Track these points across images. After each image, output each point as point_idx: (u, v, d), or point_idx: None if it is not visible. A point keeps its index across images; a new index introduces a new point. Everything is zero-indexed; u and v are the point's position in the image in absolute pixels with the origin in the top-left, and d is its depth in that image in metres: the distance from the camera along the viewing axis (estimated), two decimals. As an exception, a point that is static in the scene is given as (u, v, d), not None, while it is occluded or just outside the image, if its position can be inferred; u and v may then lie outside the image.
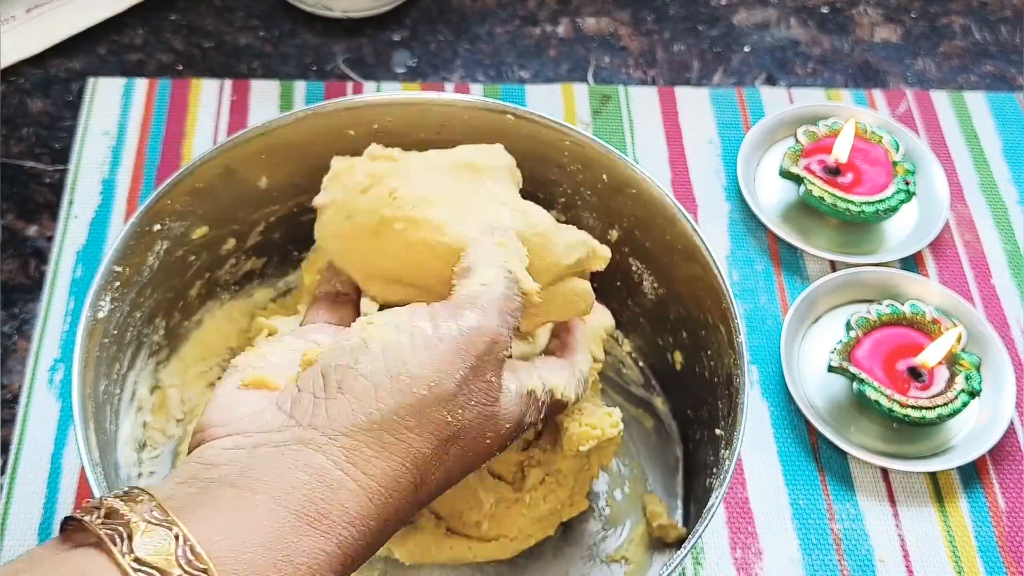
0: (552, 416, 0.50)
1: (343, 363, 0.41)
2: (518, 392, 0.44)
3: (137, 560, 0.33)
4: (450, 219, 0.47)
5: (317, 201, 0.51)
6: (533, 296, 0.45)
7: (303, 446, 0.38)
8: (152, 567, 0.33)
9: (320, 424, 0.39)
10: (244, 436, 0.40)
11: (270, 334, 0.57)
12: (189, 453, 0.41)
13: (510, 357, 0.44)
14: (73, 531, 0.36)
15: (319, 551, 0.36)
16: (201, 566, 0.34)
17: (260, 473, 0.38)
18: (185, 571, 0.34)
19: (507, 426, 0.43)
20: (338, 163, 0.51)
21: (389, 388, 0.40)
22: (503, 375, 0.43)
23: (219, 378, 0.62)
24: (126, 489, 0.37)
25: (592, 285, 0.65)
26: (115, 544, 0.34)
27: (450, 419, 0.41)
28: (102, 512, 0.35)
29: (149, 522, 0.35)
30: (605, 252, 0.52)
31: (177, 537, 0.34)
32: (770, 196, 0.77)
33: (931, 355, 0.65)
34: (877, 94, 0.83)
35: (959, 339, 0.67)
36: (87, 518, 0.35)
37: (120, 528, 0.34)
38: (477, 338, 0.42)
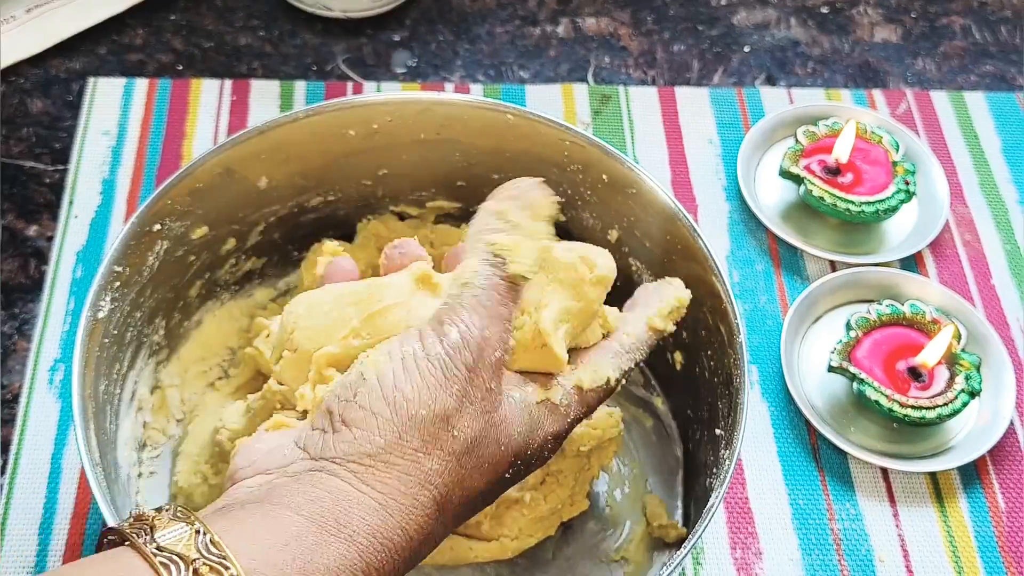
0: (602, 402, 0.49)
1: (344, 397, 0.42)
2: (523, 401, 0.44)
3: (159, 548, 0.36)
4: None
5: None
6: (522, 276, 0.44)
7: (318, 472, 0.40)
8: (172, 552, 0.36)
9: (329, 455, 0.41)
10: (267, 474, 0.42)
11: (269, 335, 0.57)
12: None
13: (505, 357, 0.44)
14: (107, 544, 0.39)
15: (339, 556, 0.38)
16: (219, 554, 0.36)
17: (279, 492, 0.40)
18: (204, 557, 0.36)
19: (518, 431, 0.44)
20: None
21: (388, 415, 0.41)
22: (503, 380, 0.44)
23: (220, 378, 0.63)
24: (158, 507, 0.39)
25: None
26: (139, 537, 0.36)
27: (456, 433, 0.41)
28: (132, 518, 0.38)
29: (171, 519, 0.37)
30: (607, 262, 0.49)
31: (198, 531, 0.37)
32: (770, 196, 0.77)
33: (930, 354, 0.65)
34: (877, 94, 0.83)
35: (958, 338, 0.67)
36: (119, 524, 0.38)
37: (145, 526, 0.37)
38: (462, 351, 0.42)
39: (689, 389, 0.60)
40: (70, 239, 0.71)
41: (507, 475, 0.44)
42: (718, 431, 0.54)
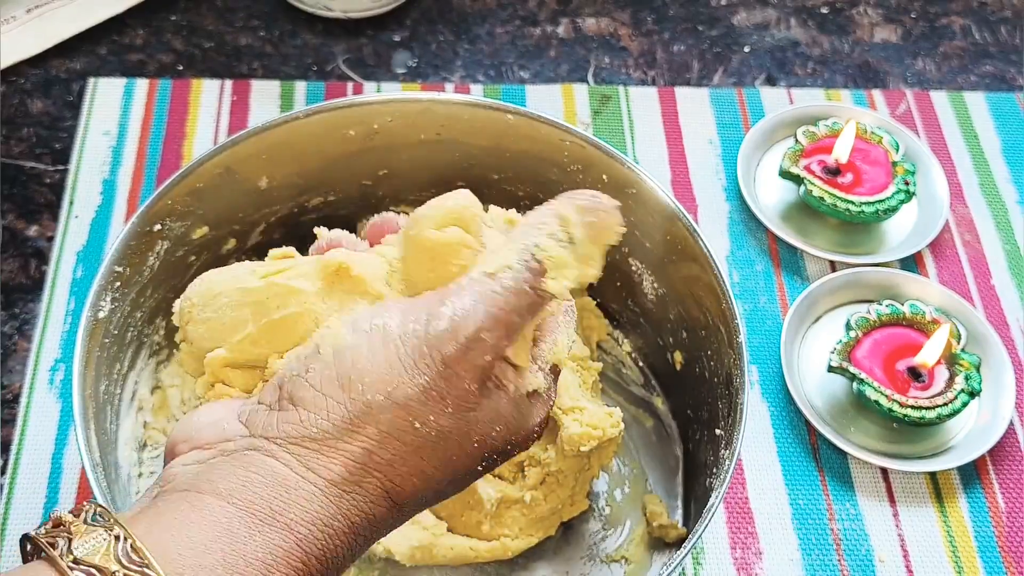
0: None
1: (296, 372, 0.39)
2: (516, 394, 0.40)
3: (75, 560, 0.34)
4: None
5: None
6: (557, 297, 0.39)
7: (255, 452, 0.37)
8: (90, 565, 0.33)
9: (271, 435, 0.38)
10: (204, 449, 0.39)
11: None
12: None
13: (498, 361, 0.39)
14: (30, 551, 0.36)
15: (274, 547, 0.35)
16: (141, 561, 0.33)
17: (210, 476, 0.37)
18: (124, 567, 0.33)
19: (498, 428, 0.40)
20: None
21: (340, 398, 0.38)
22: (488, 381, 0.39)
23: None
24: (78, 507, 0.37)
25: (591, 284, 0.65)
26: (55, 549, 0.34)
27: (417, 426, 0.38)
28: (50, 524, 0.36)
29: (90, 525, 0.35)
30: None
31: (117, 537, 0.34)
32: (770, 196, 0.77)
33: (929, 354, 0.65)
34: (877, 94, 0.83)
35: (956, 337, 0.67)
36: (35, 532, 0.35)
37: (63, 534, 0.35)
38: (446, 341, 0.38)
39: (689, 389, 0.60)
40: (70, 239, 0.71)
41: (480, 467, 0.41)
42: (718, 431, 0.54)
